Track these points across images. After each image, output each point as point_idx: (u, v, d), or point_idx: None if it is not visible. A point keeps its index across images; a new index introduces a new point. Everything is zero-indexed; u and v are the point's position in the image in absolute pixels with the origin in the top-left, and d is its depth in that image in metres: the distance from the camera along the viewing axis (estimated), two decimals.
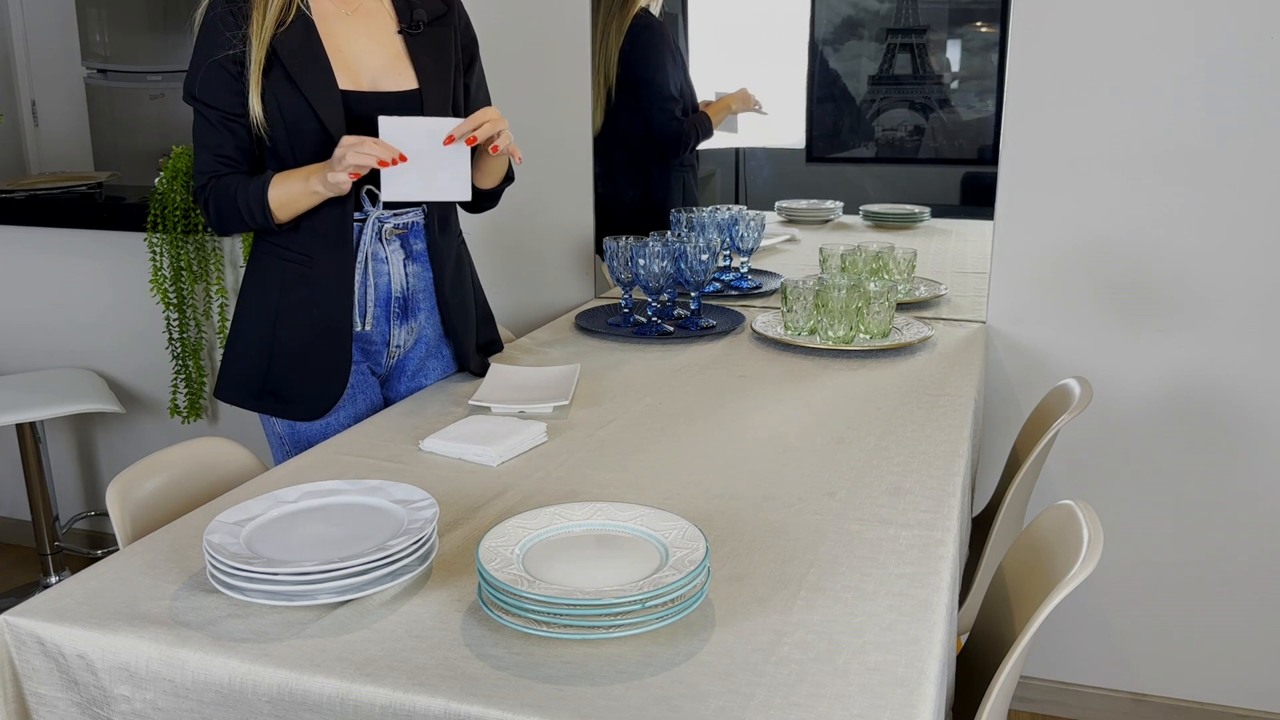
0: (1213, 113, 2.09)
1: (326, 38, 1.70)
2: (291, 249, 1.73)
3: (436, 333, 1.89)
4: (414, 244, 1.81)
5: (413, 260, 1.82)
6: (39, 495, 2.82)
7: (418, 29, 1.77)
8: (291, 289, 1.73)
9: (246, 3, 1.65)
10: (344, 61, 1.71)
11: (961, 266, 2.42)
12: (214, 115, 1.68)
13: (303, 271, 1.72)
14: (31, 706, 1.12)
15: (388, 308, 1.80)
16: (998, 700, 1.18)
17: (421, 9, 1.78)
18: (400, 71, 1.76)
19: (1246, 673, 2.31)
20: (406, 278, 1.81)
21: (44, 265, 3.03)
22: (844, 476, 1.46)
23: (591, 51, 2.51)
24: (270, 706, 1.01)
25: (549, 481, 1.45)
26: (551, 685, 0.97)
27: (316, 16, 1.70)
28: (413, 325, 1.85)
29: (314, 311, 1.73)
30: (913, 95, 2.35)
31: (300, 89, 1.65)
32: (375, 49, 1.75)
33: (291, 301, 1.73)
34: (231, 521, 1.19)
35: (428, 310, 1.86)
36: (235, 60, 1.65)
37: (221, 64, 1.65)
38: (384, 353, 1.84)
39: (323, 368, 1.74)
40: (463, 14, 1.87)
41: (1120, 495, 2.31)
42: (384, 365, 1.86)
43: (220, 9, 1.66)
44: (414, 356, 1.88)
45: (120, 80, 4.29)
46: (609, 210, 2.61)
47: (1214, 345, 2.18)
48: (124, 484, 1.47)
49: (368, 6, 1.76)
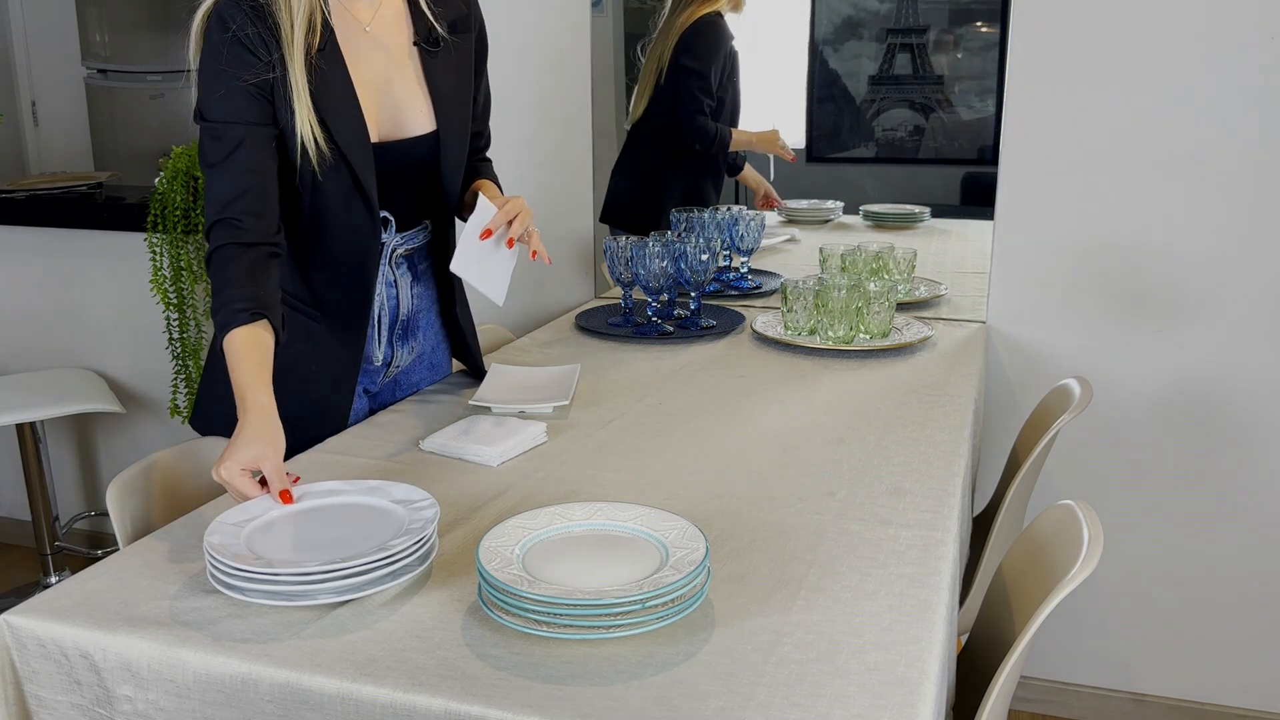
0: (1213, 112, 2.09)
1: (351, 66, 1.56)
2: (298, 299, 1.63)
3: (433, 348, 1.85)
4: (419, 264, 1.77)
5: (418, 281, 1.77)
6: (39, 495, 2.82)
7: (436, 45, 1.65)
8: (293, 341, 1.57)
9: (269, 16, 1.49)
10: (368, 100, 1.58)
11: (961, 266, 2.42)
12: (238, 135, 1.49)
13: (308, 326, 1.63)
14: (32, 709, 1.12)
15: (392, 331, 1.75)
16: (998, 700, 1.18)
17: (442, 21, 1.64)
18: (418, 108, 1.64)
19: (1246, 673, 2.31)
20: (412, 299, 1.76)
21: (44, 265, 3.03)
22: (844, 476, 1.46)
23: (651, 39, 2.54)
24: (272, 706, 1.01)
25: (549, 481, 1.45)
26: (551, 685, 0.97)
27: (340, 35, 1.56)
28: (413, 345, 1.80)
29: (315, 368, 1.63)
30: (913, 95, 2.35)
31: (334, 138, 1.53)
32: (395, 77, 1.62)
33: (290, 353, 1.56)
34: (231, 523, 1.19)
35: (425, 327, 1.81)
36: (264, 85, 1.50)
37: (249, 89, 1.49)
38: (382, 373, 1.79)
39: (318, 416, 1.65)
40: (479, 15, 1.74)
41: (1120, 495, 2.31)
42: (378, 384, 1.81)
43: (240, 20, 1.48)
44: (411, 372, 1.84)
45: (120, 80, 4.29)
46: (627, 197, 2.61)
47: (1214, 345, 2.18)
48: (124, 484, 1.47)
49: (385, 18, 1.62)
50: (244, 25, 1.48)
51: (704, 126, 2.57)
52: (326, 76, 1.53)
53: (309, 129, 1.51)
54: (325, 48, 1.53)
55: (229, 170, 1.48)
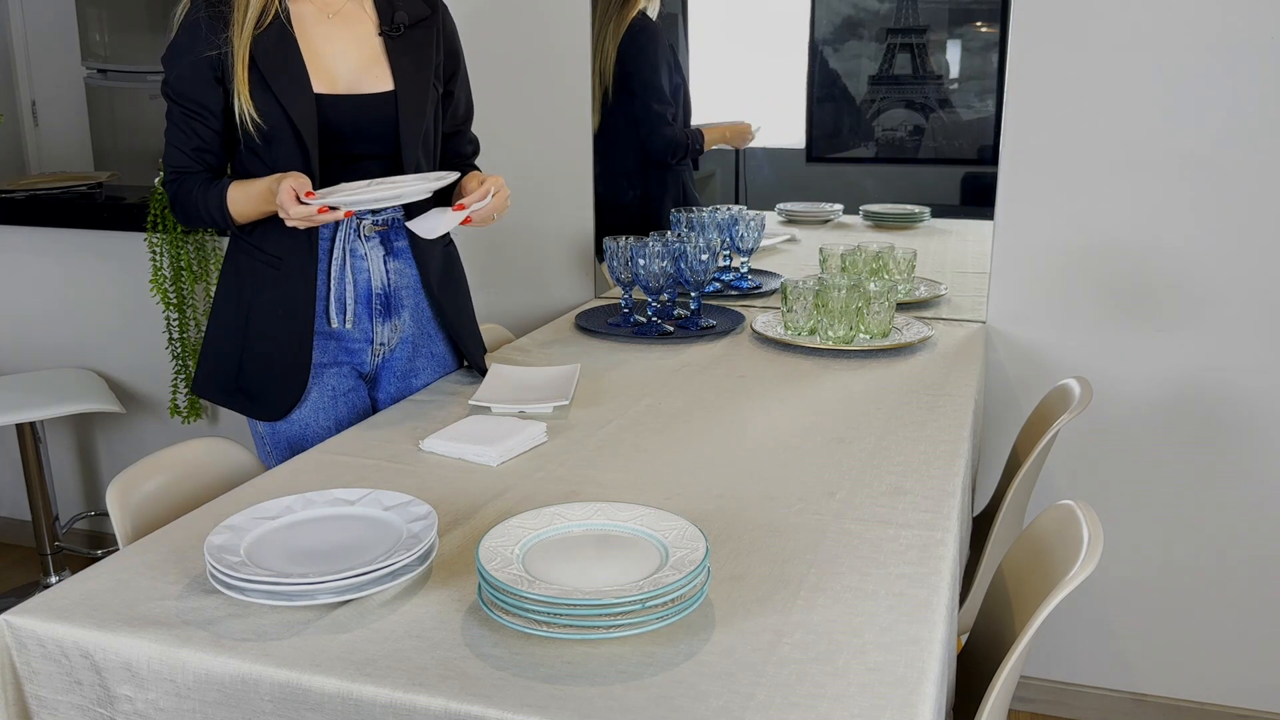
0: (1213, 113, 2.09)
1: (304, 41, 1.71)
2: (264, 249, 1.75)
3: (423, 331, 1.90)
4: (395, 241, 1.83)
5: (394, 257, 1.83)
6: (39, 495, 2.82)
7: (398, 31, 1.78)
8: (263, 288, 1.76)
9: (226, 5, 1.67)
10: (320, 65, 1.71)
11: (961, 266, 2.42)
12: (188, 110, 1.70)
13: (272, 272, 1.75)
14: (32, 709, 1.12)
15: (369, 305, 1.81)
16: (998, 700, 1.18)
17: (403, 11, 1.79)
18: (377, 73, 1.76)
19: (1246, 673, 2.31)
20: (387, 274, 1.82)
21: (44, 265, 3.03)
22: (844, 476, 1.46)
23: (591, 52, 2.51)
24: (272, 705, 1.01)
25: (549, 481, 1.45)
26: (551, 685, 0.97)
27: (295, 20, 1.71)
28: (396, 323, 1.85)
29: (280, 311, 1.75)
30: (913, 95, 2.35)
31: (274, 92, 1.67)
32: (353, 51, 1.76)
33: (262, 301, 1.76)
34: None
35: (412, 308, 1.87)
36: (215, 61, 1.67)
37: (202, 63, 1.67)
38: (368, 351, 1.84)
39: (287, 366, 1.75)
40: (449, 21, 1.88)
41: (1120, 495, 2.31)
42: (369, 364, 1.86)
43: (201, 10, 1.67)
44: (400, 356, 1.88)
45: (120, 80, 4.29)
46: (607, 210, 2.60)
47: (1214, 345, 2.18)
48: (124, 484, 1.47)
49: (348, 10, 1.77)
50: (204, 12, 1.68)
51: (672, 138, 2.54)
52: (274, 39, 1.68)
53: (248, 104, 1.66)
54: (274, 26, 1.69)
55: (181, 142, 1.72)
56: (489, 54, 2.54)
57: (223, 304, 1.81)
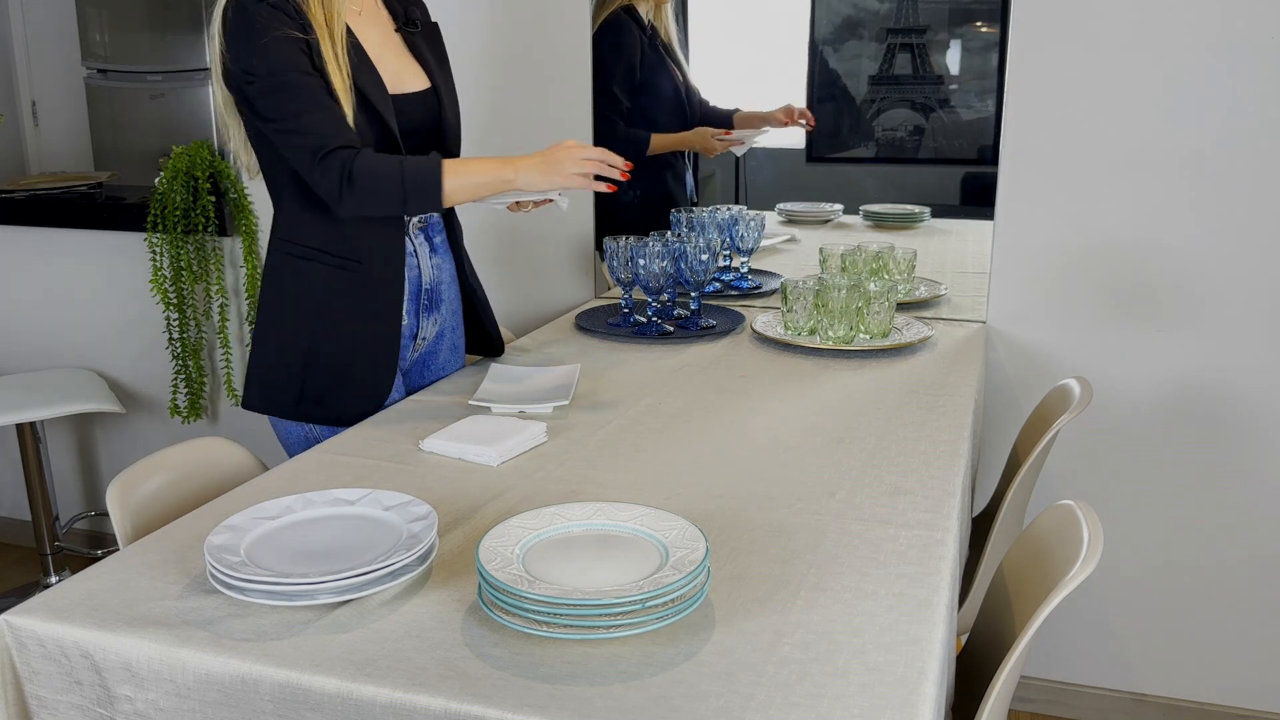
0: (1213, 113, 2.09)
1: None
2: (333, 253, 1.70)
3: (456, 322, 1.94)
4: (434, 236, 1.86)
5: (435, 252, 1.86)
6: (39, 495, 2.82)
7: (415, 28, 1.80)
8: (336, 296, 1.70)
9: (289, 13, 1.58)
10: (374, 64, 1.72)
11: (961, 266, 2.42)
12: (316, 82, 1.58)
13: (347, 277, 1.70)
14: (32, 709, 1.12)
15: (417, 300, 1.84)
16: (998, 700, 1.18)
17: (415, 7, 1.82)
18: (414, 72, 1.78)
19: (1246, 673, 2.31)
20: (433, 269, 1.85)
21: (44, 265, 3.03)
22: (844, 476, 1.46)
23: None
24: (272, 705, 1.01)
25: (549, 481, 1.45)
26: (551, 685, 0.97)
27: None
28: (436, 317, 1.89)
29: (361, 316, 1.71)
30: (913, 95, 2.35)
31: (366, 95, 1.64)
32: (388, 51, 1.76)
33: (335, 308, 1.70)
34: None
35: (449, 300, 1.91)
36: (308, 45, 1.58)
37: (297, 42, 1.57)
38: (410, 346, 1.87)
39: (370, 370, 1.72)
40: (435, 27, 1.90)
41: (1120, 495, 2.31)
42: (408, 359, 1.88)
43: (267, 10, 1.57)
44: (430, 349, 1.92)
45: (120, 80, 4.28)
46: (607, 210, 2.60)
47: (1214, 345, 2.18)
48: (124, 484, 1.47)
49: (370, 9, 1.77)
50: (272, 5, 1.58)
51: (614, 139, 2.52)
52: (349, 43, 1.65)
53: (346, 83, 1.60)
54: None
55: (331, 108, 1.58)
56: (490, 53, 2.54)
57: (278, 317, 1.73)
